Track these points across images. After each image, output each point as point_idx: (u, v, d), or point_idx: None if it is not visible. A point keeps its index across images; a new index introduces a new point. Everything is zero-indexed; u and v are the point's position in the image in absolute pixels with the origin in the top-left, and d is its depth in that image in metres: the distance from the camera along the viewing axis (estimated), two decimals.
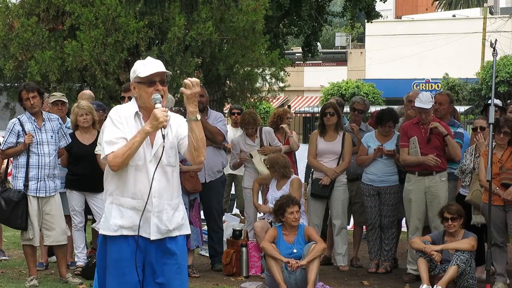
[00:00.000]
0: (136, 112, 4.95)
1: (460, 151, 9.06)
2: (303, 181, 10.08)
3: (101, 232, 5.01)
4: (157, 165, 4.87)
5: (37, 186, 8.47)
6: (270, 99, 14.84)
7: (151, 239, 4.91)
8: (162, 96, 4.89)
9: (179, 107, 9.70)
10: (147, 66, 4.95)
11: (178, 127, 4.99)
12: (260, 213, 9.93)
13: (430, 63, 39.87)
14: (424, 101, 8.92)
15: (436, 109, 9.24)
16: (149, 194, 4.86)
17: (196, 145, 4.88)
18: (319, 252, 8.24)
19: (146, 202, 4.86)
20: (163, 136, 4.82)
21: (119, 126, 4.89)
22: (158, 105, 4.83)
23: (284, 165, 9.24)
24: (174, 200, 5.02)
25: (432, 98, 9.06)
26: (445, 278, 8.07)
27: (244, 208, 10.30)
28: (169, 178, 4.96)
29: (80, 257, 9.14)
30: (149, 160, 4.90)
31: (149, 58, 5.08)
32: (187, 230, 5.10)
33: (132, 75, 4.99)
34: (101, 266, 5.04)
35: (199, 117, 4.83)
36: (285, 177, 9.28)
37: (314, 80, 42.98)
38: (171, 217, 4.98)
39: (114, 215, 4.94)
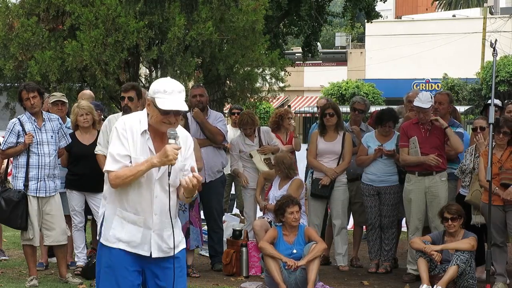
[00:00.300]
0: (145, 130, 4.85)
1: (461, 143, 9.03)
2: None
3: (100, 240, 4.97)
4: (169, 187, 4.85)
5: (37, 186, 8.47)
6: (270, 99, 14.81)
7: (152, 256, 4.89)
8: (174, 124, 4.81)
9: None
10: (167, 96, 4.75)
11: (186, 154, 4.92)
12: (260, 213, 9.95)
13: (430, 63, 39.87)
14: (423, 100, 8.92)
15: (435, 108, 9.23)
16: (169, 211, 4.87)
17: (185, 196, 4.95)
18: (319, 252, 8.24)
19: (171, 218, 4.89)
20: (169, 174, 4.77)
21: (124, 142, 4.81)
22: (171, 141, 4.74)
23: (289, 166, 9.33)
24: (176, 219, 5.01)
25: (431, 98, 9.05)
26: (445, 278, 8.07)
27: (244, 208, 10.31)
28: (171, 197, 4.89)
29: (80, 257, 9.14)
30: (155, 178, 4.84)
31: (171, 83, 4.82)
32: (184, 244, 5.09)
33: (150, 92, 4.83)
34: (98, 269, 5.02)
35: (194, 196, 4.99)
36: (288, 177, 9.34)
37: (314, 80, 42.97)
38: (170, 235, 4.94)
39: (114, 226, 4.90)
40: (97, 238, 5.09)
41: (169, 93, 4.76)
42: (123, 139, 4.81)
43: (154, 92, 4.80)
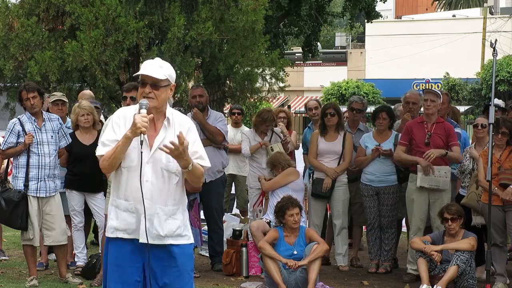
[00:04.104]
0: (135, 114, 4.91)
1: (459, 154, 9.00)
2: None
3: (105, 234, 5.04)
4: (141, 167, 4.81)
5: (37, 186, 8.47)
6: (270, 99, 14.81)
7: (139, 241, 4.86)
8: (152, 98, 4.84)
9: (179, 107, 9.70)
10: (144, 65, 4.95)
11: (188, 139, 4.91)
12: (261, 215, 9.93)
13: (430, 63, 39.87)
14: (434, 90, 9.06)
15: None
16: (142, 196, 4.83)
17: (190, 181, 4.97)
18: (321, 252, 8.24)
19: (144, 206, 4.84)
20: (141, 142, 4.77)
21: (115, 129, 4.89)
22: (142, 111, 4.78)
23: (285, 162, 9.34)
24: (168, 206, 4.94)
25: (439, 94, 9.05)
26: (445, 278, 8.07)
27: (249, 207, 10.29)
28: (165, 182, 4.90)
29: (80, 257, 9.14)
30: (145, 162, 4.85)
31: (156, 59, 5.03)
32: (185, 240, 5.04)
33: None
34: (105, 268, 5.03)
35: (191, 167, 4.84)
36: None
37: (314, 80, 42.99)
38: (162, 222, 4.91)
39: (111, 217, 4.95)
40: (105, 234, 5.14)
41: (146, 64, 4.95)
42: (115, 126, 4.91)
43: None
